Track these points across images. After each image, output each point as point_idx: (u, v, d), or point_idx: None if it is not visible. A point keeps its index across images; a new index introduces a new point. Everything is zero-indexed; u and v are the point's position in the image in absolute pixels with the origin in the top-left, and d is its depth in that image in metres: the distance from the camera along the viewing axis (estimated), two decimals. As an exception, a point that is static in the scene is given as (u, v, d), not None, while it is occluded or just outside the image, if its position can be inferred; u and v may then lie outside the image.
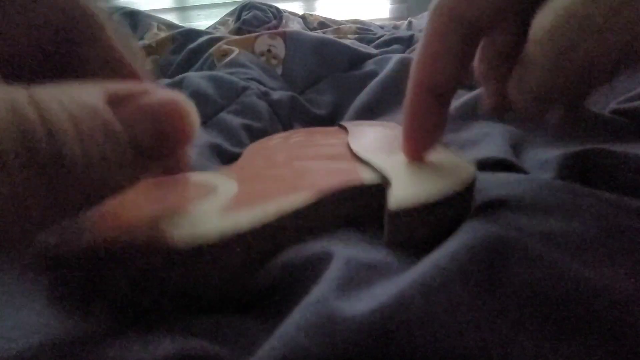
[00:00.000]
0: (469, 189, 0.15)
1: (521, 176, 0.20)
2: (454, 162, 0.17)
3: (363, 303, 0.11)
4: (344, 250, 0.13)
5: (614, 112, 0.27)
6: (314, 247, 0.14)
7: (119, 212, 0.15)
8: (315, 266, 0.13)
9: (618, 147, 0.21)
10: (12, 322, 0.14)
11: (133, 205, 0.16)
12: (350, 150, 0.21)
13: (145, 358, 0.11)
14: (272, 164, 0.21)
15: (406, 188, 0.15)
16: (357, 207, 0.17)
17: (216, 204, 0.15)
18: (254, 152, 0.24)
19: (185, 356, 0.11)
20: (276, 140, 0.27)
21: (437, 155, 0.18)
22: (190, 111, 0.11)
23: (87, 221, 0.14)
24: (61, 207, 0.09)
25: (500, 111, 0.18)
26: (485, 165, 0.22)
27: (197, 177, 0.18)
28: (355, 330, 0.10)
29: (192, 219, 0.14)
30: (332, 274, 0.12)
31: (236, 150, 0.30)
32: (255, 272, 0.14)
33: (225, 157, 0.29)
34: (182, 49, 0.52)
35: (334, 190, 0.16)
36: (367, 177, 0.17)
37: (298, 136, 0.27)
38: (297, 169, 0.19)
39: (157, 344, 0.11)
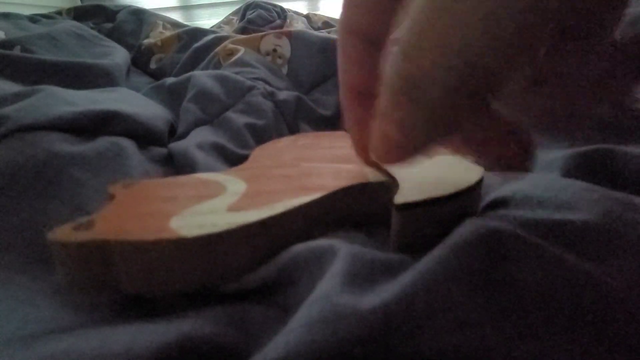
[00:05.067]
0: (475, 188, 0.15)
1: (526, 176, 0.20)
2: (463, 163, 0.17)
3: (366, 299, 0.11)
4: (349, 247, 0.13)
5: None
6: (321, 242, 0.14)
7: (132, 207, 0.15)
8: (321, 260, 0.13)
9: (624, 148, 0.21)
10: (15, 316, 0.14)
11: (145, 201, 0.16)
12: None
13: (153, 341, 0.11)
14: (280, 164, 0.21)
15: (413, 185, 0.15)
16: (363, 204, 0.17)
17: (225, 200, 0.15)
18: (262, 153, 0.24)
19: (193, 340, 0.11)
20: (284, 142, 0.27)
21: (446, 156, 0.18)
22: None
23: (100, 214, 0.15)
24: None
25: None
26: None
27: (207, 177, 0.19)
28: (359, 326, 0.10)
29: (202, 214, 0.14)
30: (336, 269, 0.12)
31: (241, 152, 0.30)
32: (263, 264, 0.14)
33: (231, 159, 0.29)
34: (188, 48, 0.52)
35: (341, 187, 0.16)
36: (373, 177, 0.17)
37: (306, 139, 0.27)
38: (305, 169, 0.19)
39: (165, 328, 0.11)
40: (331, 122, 0.38)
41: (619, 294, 0.11)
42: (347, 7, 0.14)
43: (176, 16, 1.18)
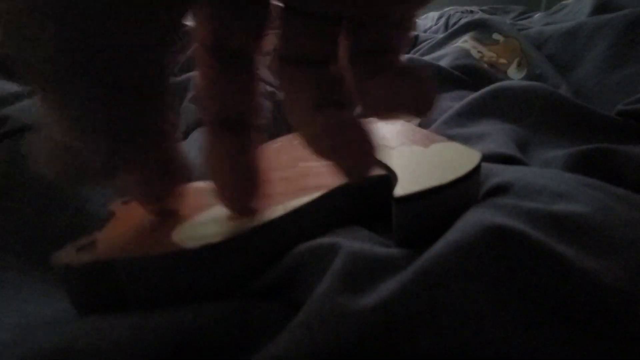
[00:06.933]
0: (474, 174, 0.15)
1: (527, 167, 0.20)
2: (459, 149, 0.17)
3: (367, 298, 0.11)
4: (350, 245, 0.13)
5: (621, 113, 0.27)
6: (322, 240, 0.14)
7: (133, 223, 0.15)
8: (323, 258, 0.13)
9: (624, 147, 0.21)
10: (15, 313, 0.14)
11: (145, 216, 0.16)
12: None
13: (153, 338, 0.11)
14: (278, 166, 0.21)
15: (411, 176, 0.15)
16: (364, 199, 0.17)
17: (223, 209, 0.15)
18: None
19: (193, 338, 0.11)
20: (281, 142, 0.27)
21: (442, 144, 0.18)
22: None
23: (101, 233, 0.15)
24: None
25: None
26: (491, 159, 0.22)
27: (205, 185, 0.18)
28: (359, 325, 0.10)
29: (203, 224, 0.14)
30: (337, 268, 0.12)
31: None
32: (264, 266, 0.14)
33: None
34: (187, 48, 0.52)
35: (339, 184, 0.16)
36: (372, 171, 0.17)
37: None
38: (302, 169, 0.19)
39: (165, 325, 0.11)
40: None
41: (617, 292, 0.11)
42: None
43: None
